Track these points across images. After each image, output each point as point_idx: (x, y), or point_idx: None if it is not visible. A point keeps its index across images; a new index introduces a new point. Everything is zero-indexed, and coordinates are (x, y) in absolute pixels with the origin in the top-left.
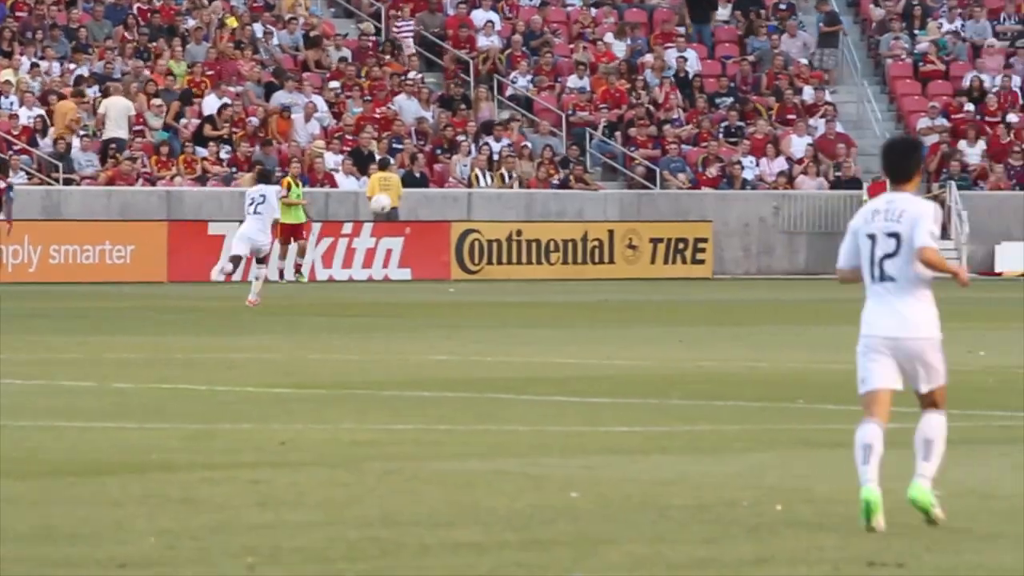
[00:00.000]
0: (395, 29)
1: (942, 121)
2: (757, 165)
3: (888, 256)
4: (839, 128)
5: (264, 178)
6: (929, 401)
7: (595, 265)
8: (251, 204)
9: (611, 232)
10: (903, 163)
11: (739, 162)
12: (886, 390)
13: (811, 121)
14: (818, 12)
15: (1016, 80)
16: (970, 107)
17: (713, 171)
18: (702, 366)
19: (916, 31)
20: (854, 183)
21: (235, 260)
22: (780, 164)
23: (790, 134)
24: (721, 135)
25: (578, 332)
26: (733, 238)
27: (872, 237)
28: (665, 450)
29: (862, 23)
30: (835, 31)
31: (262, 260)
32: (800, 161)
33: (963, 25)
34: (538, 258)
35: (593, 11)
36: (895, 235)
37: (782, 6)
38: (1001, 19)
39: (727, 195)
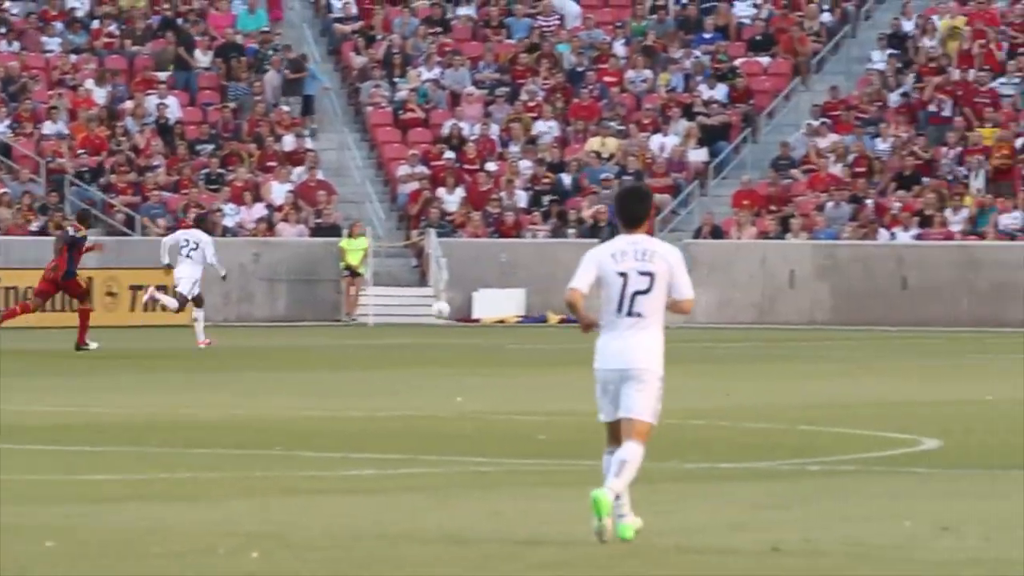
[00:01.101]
0: None
1: (422, 168)
2: (238, 212)
3: (640, 293)
4: (320, 175)
5: (199, 223)
6: (633, 434)
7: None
8: (184, 247)
9: (91, 279)
10: (635, 209)
11: (220, 209)
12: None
13: (292, 169)
14: (282, 60)
15: (495, 128)
16: (450, 154)
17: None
18: (181, 413)
19: (396, 79)
20: (334, 230)
21: (182, 300)
22: (260, 211)
23: (271, 181)
24: (202, 182)
25: (57, 380)
26: (213, 285)
27: (624, 275)
28: (143, 498)
29: (343, 70)
30: (300, 78)
31: (198, 302)
32: (280, 208)
33: (443, 73)
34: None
35: (73, 57)
36: (649, 274)
37: (268, 51)
38: (480, 68)
39: None
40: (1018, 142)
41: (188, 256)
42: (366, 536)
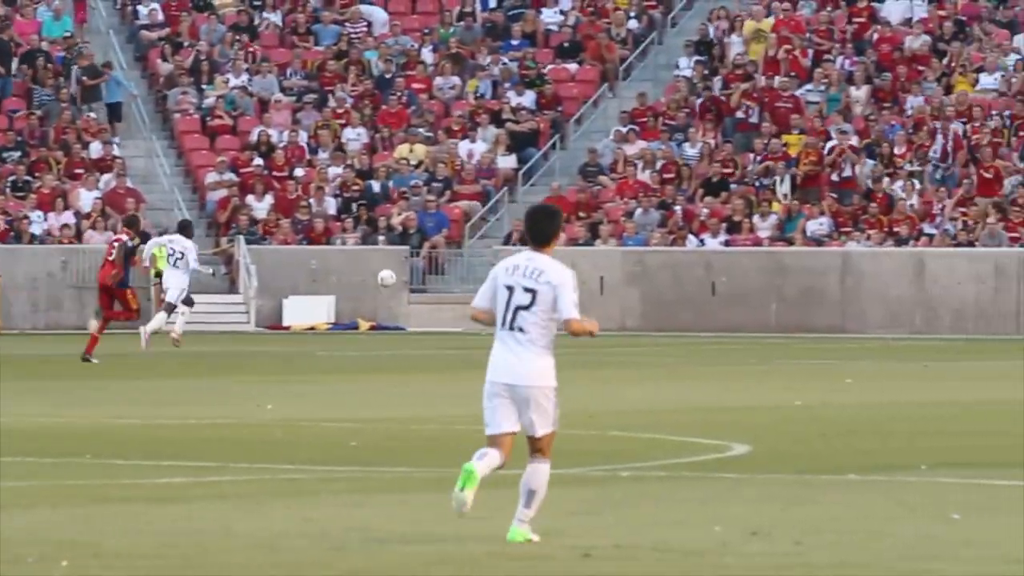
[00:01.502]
0: None
1: (230, 175)
2: (45, 219)
3: (522, 308)
4: (128, 182)
5: (183, 230)
6: (536, 447)
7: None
8: (171, 256)
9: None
10: (543, 229)
11: (27, 216)
12: (506, 434)
13: (100, 176)
14: (77, 67)
15: (303, 135)
16: (259, 161)
17: (0, 225)
18: None
19: (204, 86)
20: (143, 237)
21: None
22: (68, 218)
23: (78, 188)
24: (8, 189)
25: None
26: (21, 293)
27: (510, 289)
28: None
29: (149, 77)
30: (97, 83)
31: (187, 302)
32: (88, 216)
33: (250, 80)
34: None
35: None
36: (532, 291)
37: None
38: (288, 75)
39: (15, 249)
40: (825, 148)
41: (175, 265)
42: (178, 544)
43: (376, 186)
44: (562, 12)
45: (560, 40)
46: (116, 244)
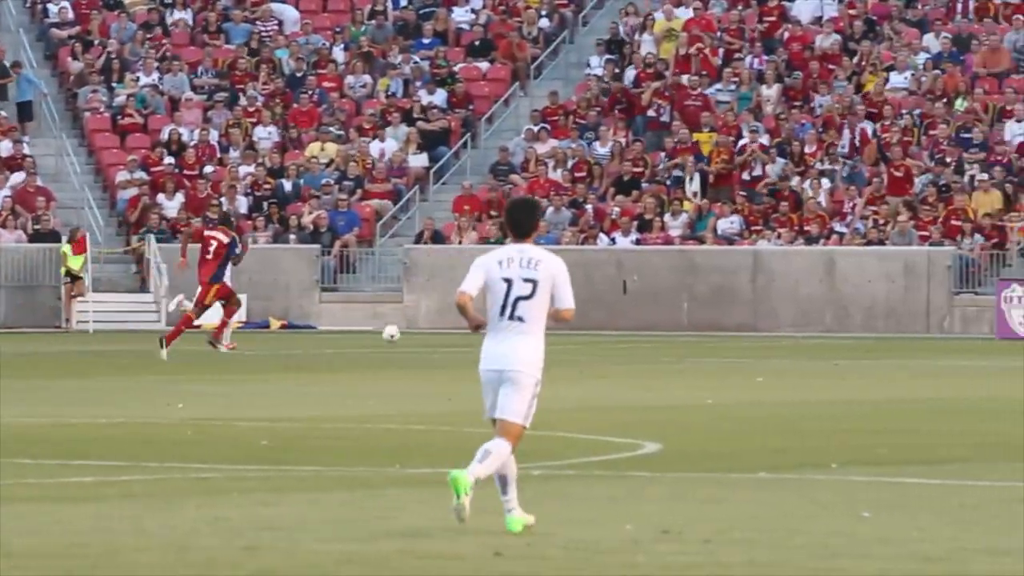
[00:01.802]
0: None
1: (141, 174)
2: None
3: (523, 299)
4: (39, 181)
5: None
6: (504, 431)
7: None
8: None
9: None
10: (524, 221)
11: None
12: None
13: (10, 174)
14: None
15: (214, 134)
16: (169, 160)
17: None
18: None
19: (114, 84)
20: (54, 236)
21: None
22: None
23: None
24: None
25: None
26: None
27: (508, 281)
28: None
29: (60, 76)
30: (5, 83)
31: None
32: None
33: (161, 79)
34: None
35: None
36: (533, 281)
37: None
38: (199, 73)
39: None
40: (736, 147)
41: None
42: (88, 543)
43: (287, 185)
44: (473, 11)
45: (471, 39)
46: (213, 242)
